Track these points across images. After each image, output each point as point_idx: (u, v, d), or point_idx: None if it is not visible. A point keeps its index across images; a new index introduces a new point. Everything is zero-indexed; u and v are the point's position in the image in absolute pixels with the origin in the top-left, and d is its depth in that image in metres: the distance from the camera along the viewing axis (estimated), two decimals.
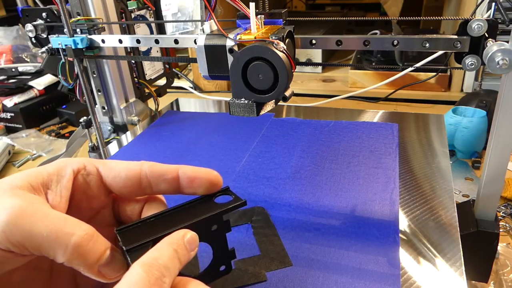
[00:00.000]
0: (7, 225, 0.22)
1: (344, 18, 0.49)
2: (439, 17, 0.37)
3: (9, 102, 1.08)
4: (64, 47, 0.53)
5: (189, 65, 1.41)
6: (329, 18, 0.43)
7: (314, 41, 0.40)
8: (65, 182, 0.26)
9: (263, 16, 0.38)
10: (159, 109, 0.76)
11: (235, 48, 0.36)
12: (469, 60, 0.36)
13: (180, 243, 0.24)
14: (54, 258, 0.23)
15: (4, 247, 0.22)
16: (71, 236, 0.22)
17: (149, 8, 0.72)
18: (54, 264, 0.26)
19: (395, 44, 0.38)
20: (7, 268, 0.24)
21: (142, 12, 0.71)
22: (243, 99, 0.36)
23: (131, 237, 0.25)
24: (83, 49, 0.53)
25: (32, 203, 0.23)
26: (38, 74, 1.16)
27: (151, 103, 0.77)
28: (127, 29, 0.68)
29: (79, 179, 0.27)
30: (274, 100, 0.37)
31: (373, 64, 1.18)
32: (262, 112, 0.37)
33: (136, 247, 0.24)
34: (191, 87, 1.32)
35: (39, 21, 0.59)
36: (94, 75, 0.66)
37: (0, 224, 0.22)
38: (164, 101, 0.81)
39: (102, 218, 0.29)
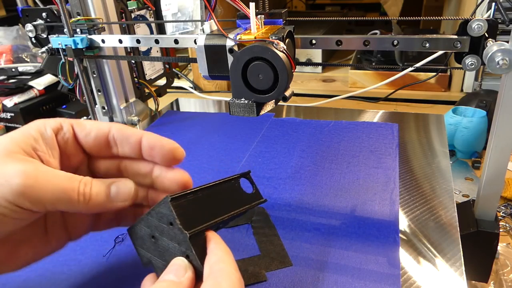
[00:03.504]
0: (25, 187, 0.24)
1: (344, 18, 0.49)
2: (439, 17, 0.37)
3: (9, 102, 1.07)
4: (64, 47, 0.53)
5: (189, 65, 1.41)
6: (329, 18, 0.43)
7: (314, 41, 0.40)
8: (52, 143, 0.29)
9: (263, 16, 0.38)
10: (159, 109, 0.76)
11: (235, 48, 0.36)
12: (469, 60, 0.36)
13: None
14: (68, 210, 0.27)
15: (24, 206, 0.25)
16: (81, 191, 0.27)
17: (149, 8, 0.72)
18: (48, 218, 0.30)
19: (395, 44, 0.38)
20: (21, 224, 0.27)
21: (142, 12, 0.71)
22: (243, 99, 0.36)
23: (185, 214, 0.26)
24: (83, 49, 0.53)
25: (37, 166, 0.26)
26: (38, 74, 1.16)
27: (151, 103, 0.77)
28: (127, 29, 0.68)
29: (59, 139, 0.29)
30: (274, 100, 0.37)
31: (373, 64, 1.18)
32: (262, 112, 0.37)
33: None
34: (191, 87, 1.32)
35: (39, 21, 0.59)
36: (94, 75, 0.66)
37: (17, 187, 0.24)
38: (164, 101, 0.81)
39: (80, 174, 0.31)
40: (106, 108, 0.69)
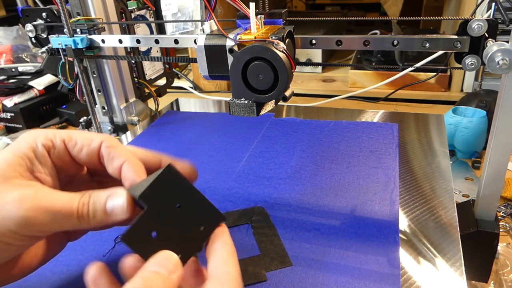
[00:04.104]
0: (27, 219, 0.25)
1: (344, 18, 0.49)
2: (439, 17, 0.37)
3: (9, 102, 1.07)
4: (64, 47, 0.53)
5: (189, 65, 1.41)
6: (329, 18, 0.43)
7: (314, 41, 0.40)
8: (46, 161, 0.29)
9: (263, 16, 0.38)
10: (159, 109, 0.76)
11: (235, 48, 0.36)
12: (469, 60, 0.36)
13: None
14: (71, 229, 0.28)
15: (29, 234, 0.26)
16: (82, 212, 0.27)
17: (149, 8, 0.72)
18: None
19: (395, 44, 0.38)
20: (27, 247, 0.28)
21: (142, 12, 0.71)
22: (243, 99, 0.36)
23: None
24: (83, 49, 0.53)
25: (37, 193, 0.26)
26: (38, 74, 1.16)
27: (151, 103, 0.77)
28: (127, 29, 0.68)
29: (52, 156, 0.29)
30: (274, 100, 0.37)
31: (373, 64, 1.18)
32: (262, 112, 0.37)
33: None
34: (191, 87, 1.32)
35: (39, 21, 0.59)
36: (94, 75, 0.66)
37: (20, 220, 0.24)
38: (164, 101, 0.81)
39: (79, 179, 0.32)
40: (106, 108, 0.69)
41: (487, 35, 0.35)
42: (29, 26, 0.58)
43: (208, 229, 0.28)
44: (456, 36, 0.36)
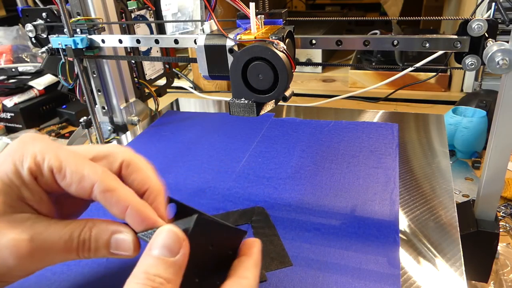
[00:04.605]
0: (25, 263, 0.24)
1: (344, 18, 0.49)
2: (439, 17, 0.37)
3: (9, 102, 1.08)
4: (64, 47, 0.53)
5: (189, 65, 1.41)
6: (329, 18, 0.43)
7: (314, 41, 0.40)
8: (34, 188, 0.26)
9: (263, 16, 0.38)
10: (159, 109, 0.76)
11: (235, 48, 0.36)
12: (469, 60, 0.36)
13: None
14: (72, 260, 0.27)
15: (29, 270, 0.26)
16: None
17: (149, 8, 0.72)
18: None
19: (395, 44, 0.38)
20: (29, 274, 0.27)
21: (142, 12, 0.71)
22: (243, 99, 0.36)
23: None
24: (83, 49, 0.53)
25: (33, 232, 0.25)
26: (38, 74, 1.16)
27: (151, 103, 0.77)
28: (127, 29, 0.68)
29: (40, 183, 0.26)
30: (274, 100, 0.37)
31: (373, 64, 1.18)
32: (262, 112, 0.37)
33: None
34: (191, 87, 1.32)
35: (39, 21, 0.59)
36: (94, 75, 0.66)
37: (17, 264, 0.24)
38: (164, 101, 0.81)
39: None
40: (106, 108, 0.69)
41: (487, 35, 0.35)
42: (29, 26, 0.58)
43: (235, 250, 0.28)
44: (456, 36, 0.36)
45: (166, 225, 0.24)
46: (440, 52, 0.87)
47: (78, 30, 0.54)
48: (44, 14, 0.58)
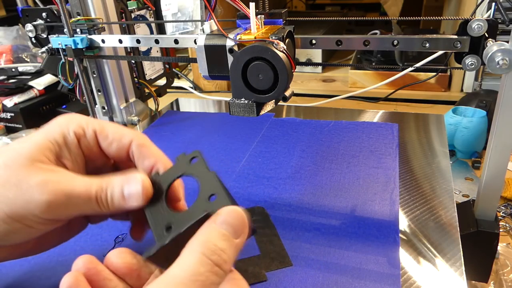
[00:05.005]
0: (51, 205, 0.25)
1: (344, 18, 0.49)
2: (439, 17, 0.37)
3: (9, 102, 1.07)
4: (64, 47, 0.53)
5: (189, 65, 1.41)
6: (329, 18, 0.43)
7: (314, 41, 0.40)
8: (75, 150, 0.29)
9: (263, 16, 0.38)
10: (159, 109, 0.76)
11: (235, 48, 0.36)
12: (469, 60, 0.36)
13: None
14: (92, 214, 0.29)
15: (51, 218, 0.26)
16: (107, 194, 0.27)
17: (149, 8, 0.72)
18: None
19: (395, 44, 0.38)
20: (48, 230, 0.28)
21: (142, 12, 0.71)
22: (243, 99, 0.36)
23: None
24: (83, 49, 0.53)
25: (60, 178, 0.27)
26: (38, 74, 1.16)
27: (151, 103, 0.77)
28: (127, 29, 0.68)
29: (82, 146, 0.30)
30: (274, 100, 0.37)
31: (373, 64, 1.18)
32: (262, 112, 0.37)
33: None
34: (191, 87, 1.32)
35: (39, 21, 0.59)
36: (94, 75, 0.66)
37: (43, 205, 0.25)
38: (164, 101, 0.81)
39: (105, 170, 0.32)
40: (106, 108, 0.69)
41: (487, 35, 0.35)
42: (29, 26, 0.58)
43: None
44: (456, 36, 0.36)
45: (234, 206, 0.24)
46: (440, 52, 0.87)
47: (78, 30, 0.54)
48: (44, 14, 0.58)
